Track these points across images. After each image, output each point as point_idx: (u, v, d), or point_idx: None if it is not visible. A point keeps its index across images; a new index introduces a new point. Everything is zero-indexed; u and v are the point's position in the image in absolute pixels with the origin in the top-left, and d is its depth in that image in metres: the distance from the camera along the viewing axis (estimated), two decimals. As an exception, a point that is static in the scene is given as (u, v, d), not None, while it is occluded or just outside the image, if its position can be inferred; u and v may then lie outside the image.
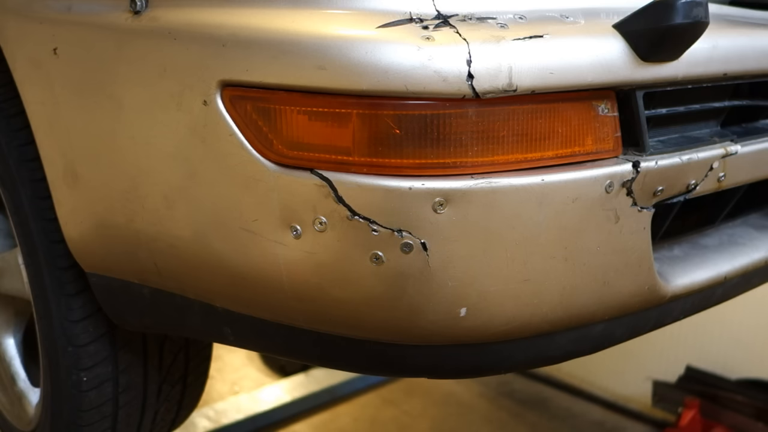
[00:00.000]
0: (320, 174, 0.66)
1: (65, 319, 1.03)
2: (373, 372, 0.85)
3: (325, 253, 0.68)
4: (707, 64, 0.78)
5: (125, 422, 1.17)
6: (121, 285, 0.93)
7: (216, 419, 2.17)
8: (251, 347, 0.89)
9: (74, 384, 1.07)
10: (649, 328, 0.87)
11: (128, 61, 0.78)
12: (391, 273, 0.67)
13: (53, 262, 1.01)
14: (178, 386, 1.24)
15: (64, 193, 0.92)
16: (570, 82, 0.68)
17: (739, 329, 2.22)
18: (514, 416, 2.31)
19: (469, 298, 0.68)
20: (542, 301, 0.71)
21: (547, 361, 0.81)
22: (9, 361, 1.31)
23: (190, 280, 0.83)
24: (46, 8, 0.89)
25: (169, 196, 0.78)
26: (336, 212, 0.66)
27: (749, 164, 0.86)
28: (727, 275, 0.90)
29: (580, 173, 0.69)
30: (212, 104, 0.71)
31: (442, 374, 0.83)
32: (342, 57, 0.64)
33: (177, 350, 1.19)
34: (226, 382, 2.46)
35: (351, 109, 0.65)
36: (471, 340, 0.72)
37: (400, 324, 0.70)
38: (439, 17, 0.66)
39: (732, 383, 2.19)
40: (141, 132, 0.79)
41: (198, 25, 0.72)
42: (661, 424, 2.25)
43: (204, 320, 0.86)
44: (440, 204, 0.65)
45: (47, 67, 0.88)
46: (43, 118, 0.92)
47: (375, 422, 2.24)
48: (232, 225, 0.73)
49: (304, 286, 0.71)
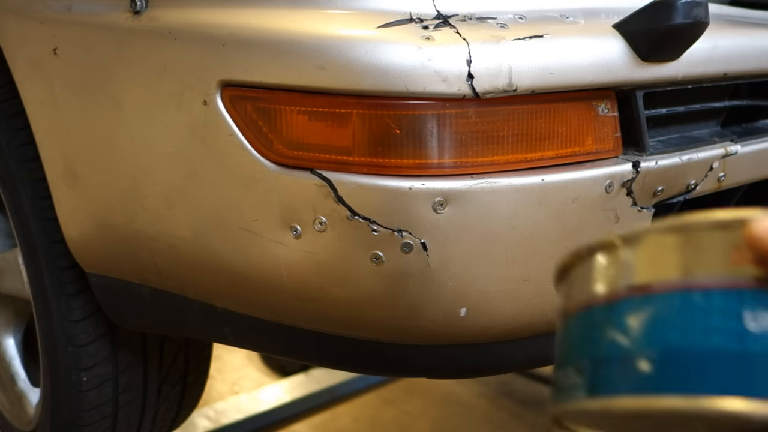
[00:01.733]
0: (320, 174, 0.66)
1: (65, 319, 1.03)
2: (373, 372, 0.85)
3: (325, 253, 0.68)
4: (707, 64, 0.78)
5: (125, 422, 1.17)
6: (121, 285, 0.93)
7: (216, 419, 2.16)
8: (251, 347, 0.90)
9: (74, 384, 1.07)
10: (649, 328, 0.87)
11: (128, 61, 0.78)
12: (391, 273, 0.67)
13: (53, 262, 1.01)
14: (178, 386, 1.24)
15: (64, 193, 0.92)
16: (570, 82, 0.68)
17: (739, 329, 2.22)
18: (514, 416, 2.31)
19: (469, 298, 0.68)
20: (542, 301, 0.71)
21: (547, 361, 0.81)
22: (9, 361, 1.31)
23: (190, 280, 0.83)
24: (46, 8, 0.89)
25: (169, 196, 0.78)
26: (336, 212, 0.66)
27: (749, 164, 0.86)
28: (727, 275, 0.90)
29: (580, 173, 0.69)
30: (212, 104, 0.71)
31: (442, 374, 0.83)
32: (342, 57, 0.64)
33: (177, 350, 1.19)
34: (226, 382, 2.46)
35: (351, 109, 0.65)
36: (471, 340, 0.72)
37: (400, 324, 0.70)
38: (439, 17, 0.66)
39: (732, 383, 2.19)
40: (141, 132, 0.79)
41: (198, 25, 0.72)
42: (661, 424, 2.24)
43: (204, 320, 0.86)
44: (440, 204, 0.65)
45: (47, 67, 0.88)
46: (43, 118, 0.92)
47: (375, 422, 2.24)
48: (232, 225, 0.73)
49: (304, 286, 0.71)
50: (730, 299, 0.28)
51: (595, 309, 0.33)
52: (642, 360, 0.29)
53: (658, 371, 0.29)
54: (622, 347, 0.30)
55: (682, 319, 0.29)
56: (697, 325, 0.29)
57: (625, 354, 0.30)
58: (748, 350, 0.27)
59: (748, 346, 0.27)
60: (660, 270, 0.31)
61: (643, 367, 0.29)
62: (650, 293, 0.30)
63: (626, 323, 0.31)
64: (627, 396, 0.29)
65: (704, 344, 0.28)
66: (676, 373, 0.28)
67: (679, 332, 0.29)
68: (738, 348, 0.27)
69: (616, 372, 0.30)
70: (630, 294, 0.31)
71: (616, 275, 0.32)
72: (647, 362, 0.29)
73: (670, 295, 0.30)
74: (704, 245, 0.30)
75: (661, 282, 0.30)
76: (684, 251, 0.30)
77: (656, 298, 0.30)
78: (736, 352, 0.27)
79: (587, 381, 0.32)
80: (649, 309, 0.30)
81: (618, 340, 0.31)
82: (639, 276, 0.31)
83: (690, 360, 0.28)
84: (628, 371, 0.30)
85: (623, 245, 0.32)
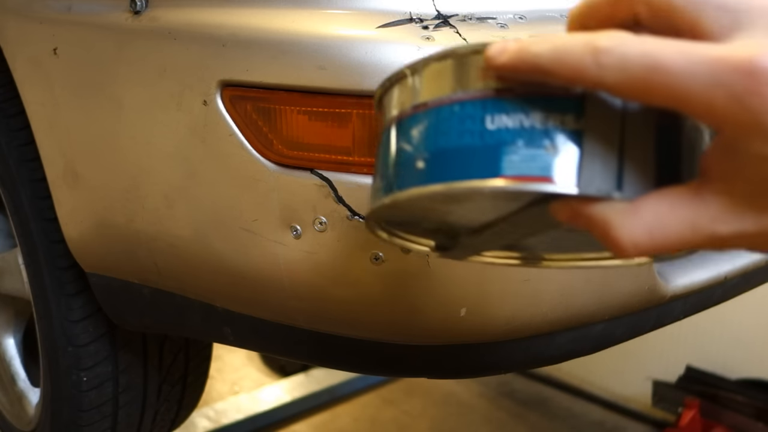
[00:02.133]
0: (320, 174, 0.66)
1: (65, 319, 1.03)
2: (373, 372, 0.85)
3: (325, 253, 0.68)
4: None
5: (125, 422, 1.17)
6: (121, 285, 0.93)
7: (216, 419, 2.17)
8: (251, 347, 0.89)
9: (74, 384, 1.07)
10: (649, 328, 0.87)
11: (128, 61, 0.78)
12: (391, 273, 0.67)
13: (53, 262, 1.01)
14: (178, 386, 1.24)
15: (64, 193, 0.92)
16: (570, 82, 0.68)
17: (739, 329, 2.22)
18: (514, 416, 2.31)
19: (469, 298, 0.68)
20: (542, 301, 0.71)
21: (547, 361, 0.81)
22: (9, 361, 1.31)
23: (190, 280, 0.83)
24: (46, 8, 0.89)
25: (170, 195, 0.78)
26: (336, 212, 0.66)
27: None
28: (727, 275, 0.90)
29: (580, 173, 0.69)
30: (212, 104, 0.71)
31: (442, 374, 0.83)
32: (342, 57, 0.64)
33: (177, 350, 1.19)
34: (226, 382, 2.46)
35: (351, 109, 0.65)
36: (471, 340, 0.72)
37: (400, 324, 0.70)
38: (439, 17, 0.66)
39: (732, 383, 2.19)
40: (141, 132, 0.79)
41: (198, 25, 0.72)
42: (661, 424, 2.24)
43: (204, 320, 0.86)
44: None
45: (47, 67, 0.88)
46: (43, 118, 0.92)
47: (375, 422, 2.24)
48: (232, 225, 0.73)
49: (304, 286, 0.71)
50: (476, 107, 0.36)
51: (392, 126, 0.41)
52: (419, 161, 0.37)
53: (430, 167, 0.37)
54: (407, 153, 0.38)
55: (445, 126, 0.37)
56: (455, 129, 0.36)
57: (408, 157, 0.38)
58: (486, 144, 0.35)
59: (486, 141, 0.35)
60: (434, 90, 0.38)
61: (420, 166, 0.37)
62: (426, 109, 0.38)
63: (410, 134, 0.39)
64: (409, 189, 0.38)
65: (459, 143, 0.36)
66: (442, 167, 0.36)
67: (444, 136, 0.37)
68: (480, 143, 0.35)
69: (403, 173, 0.38)
70: (413, 111, 0.39)
71: (406, 98, 0.40)
72: (423, 162, 0.37)
73: (439, 109, 0.37)
74: (462, 67, 0.37)
75: (433, 99, 0.38)
76: (449, 74, 0.38)
77: (430, 112, 0.38)
78: (479, 146, 0.35)
79: (385, 184, 0.40)
80: (425, 121, 0.38)
81: (405, 148, 0.39)
82: (420, 96, 0.39)
83: (450, 156, 0.36)
84: (411, 171, 0.38)
85: (410, 74, 0.40)
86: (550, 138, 0.34)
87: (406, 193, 0.38)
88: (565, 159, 0.34)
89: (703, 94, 0.30)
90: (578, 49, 0.32)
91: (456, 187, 0.35)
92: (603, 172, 0.34)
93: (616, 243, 0.33)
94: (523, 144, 0.34)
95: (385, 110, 0.42)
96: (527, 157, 0.34)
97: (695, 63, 0.30)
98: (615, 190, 0.34)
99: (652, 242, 0.33)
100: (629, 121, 0.35)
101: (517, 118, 0.35)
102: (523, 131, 0.34)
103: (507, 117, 0.35)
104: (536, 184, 0.34)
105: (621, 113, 0.35)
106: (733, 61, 0.30)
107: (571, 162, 0.34)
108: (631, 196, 0.34)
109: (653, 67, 0.30)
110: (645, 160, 0.35)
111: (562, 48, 0.33)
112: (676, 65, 0.30)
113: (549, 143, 0.34)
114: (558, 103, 0.34)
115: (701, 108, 0.30)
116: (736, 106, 0.30)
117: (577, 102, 0.34)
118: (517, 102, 0.35)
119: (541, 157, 0.34)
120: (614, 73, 0.31)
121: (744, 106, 0.29)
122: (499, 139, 0.35)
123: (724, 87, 0.29)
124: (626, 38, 0.31)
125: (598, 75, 0.32)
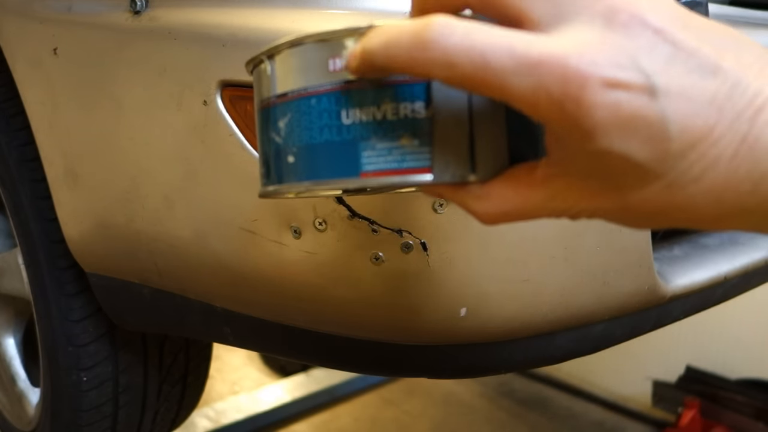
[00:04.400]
0: (320, 174, 0.66)
1: (65, 319, 1.03)
2: (373, 372, 0.85)
3: (325, 253, 0.68)
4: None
5: (125, 422, 1.17)
6: (121, 285, 0.93)
7: (216, 419, 2.17)
8: (251, 347, 0.89)
9: (74, 384, 1.07)
10: (649, 328, 0.87)
11: (128, 61, 0.78)
12: (391, 273, 0.67)
13: (53, 262, 1.01)
14: (178, 386, 1.24)
15: (64, 193, 0.92)
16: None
17: (739, 329, 2.22)
18: (514, 416, 2.31)
19: (469, 298, 0.68)
20: (542, 301, 0.71)
21: (547, 361, 0.81)
22: (9, 361, 1.31)
23: (190, 280, 0.83)
24: (46, 8, 0.89)
25: (170, 196, 0.78)
26: (336, 212, 0.66)
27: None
28: (727, 275, 0.90)
29: (580, 173, 0.69)
30: (212, 104, 0.71)
31: (442, 374, 0.83)
32: (342, 57, 0.64)
33: (177, 350, 1.19)
34: (226, 382, 2.46)
35: (351, 109, 0.65)
36: (471, 340, 0.72)
37: (400, 324, 0.70)
38: (439, 17, 0.66)
39: (732, 383, 2.19)
40: (141, 132, 0.79)
41: (198, 25, 0.72)
42: (661, 424, 2.25)
43: (204, 320, 0.86)
44: (440, 204, 0.65)
45: (47, 67, 0.88)
46: (43, 118, 0.92)
47: (375, 422, 2.24)
48: (232, 225, 0.73)
49: (304, 286, 0.71)
50: (331, 101, 0.35)
51: (261, 112, 0.40)
52: (289, 155, 0.37)
53: (298, 163, 0.37)
54: (278, 145, 0.38)
55: (307, 120, 0.36)
56: (315, 124, 0.36)
57: (279, 150, 0.38)
58: (344, 140, 0.35)
59: (343, 137, 0.35)
60: (291, 80, 0.37)
61: (291, 161, 0.37)
62: (288, 100, 0.37)
63: (278, 125, 0.38)
64: (282, 184, 0.38)
65: (321, 139, 0.36)
66: (310, 163, 0.36)
67: (307, 132, 0.36)
68: (338, 139, 0.35)
69: (278, 164, 0.38)
70: (276, 102, 0.38)
71: (267, 86, 0.39)
72: (292, 156, 0.37)
73: (299, 101, 0.36)
74: (315, 57, 0.36)
75: (292, 90, 0.37)
76: (302, 64, 0.37)
77: (291, 103, 0.37)
78: (338, 142, 0.35)
79: (265, 171, 0.40)
80: (289, 113, 0.37)
81: (275, 139, 0.38)
82: (281, 86, 0.38)
83: (316, 153, 0.36)
84: (283, 164, 0.38)
85: (266, 60, 0.39)
86: (403, 128, 0.35)
87: (281, 187, 0.38)
88: (419, 149, 0.35)
89: (527, 94, 0.30)
90: (406, 43, 0.32)
91: (322, 186, 0.36)
92: (456, 158, 0.35)
93: (476, 217, 0.37)
94: (377, 139, 0.35)
95: (254, 91, 0.41)
96: (383, 151, 0.35)
97: (519, 63, 0.30)
98: (470, 173, 0.35)
99: (506, 217, 0.36)
100: (476, 105, 0.35)
101: (370, 111, 0.35)
102: (376, 125, 0.35)
103: (360, 111, 0.35)
104: (394, 178, 0.35)
105: (468, 98, 0.35)
106: (551, 63, 0.30)
107: (425, 151, 0.35)
108: (485, 177, 0.36)
109: (479, 65, 0.30)
110: (496, 142, 0.36)
111: (393, 42, 0.32)
112: (500, 64, 0.30)
113: (403, 134, 0.35)
114: (406, 90, 0.35)
115: (526, 106, 0.31)
116: (555, 107, 0.30)
117: (423, 88, 0.35)
118: (369, 94, 0.35)
119: (396, 150, 0.35)
120: (442, 69, 0.31)
121: (562, 108, 0.30)
122: (356, 134, 0.35)
123: (544, 90, 0.30)
124: (453, 28, 0.31)
125: (427, 70, 0.32)
